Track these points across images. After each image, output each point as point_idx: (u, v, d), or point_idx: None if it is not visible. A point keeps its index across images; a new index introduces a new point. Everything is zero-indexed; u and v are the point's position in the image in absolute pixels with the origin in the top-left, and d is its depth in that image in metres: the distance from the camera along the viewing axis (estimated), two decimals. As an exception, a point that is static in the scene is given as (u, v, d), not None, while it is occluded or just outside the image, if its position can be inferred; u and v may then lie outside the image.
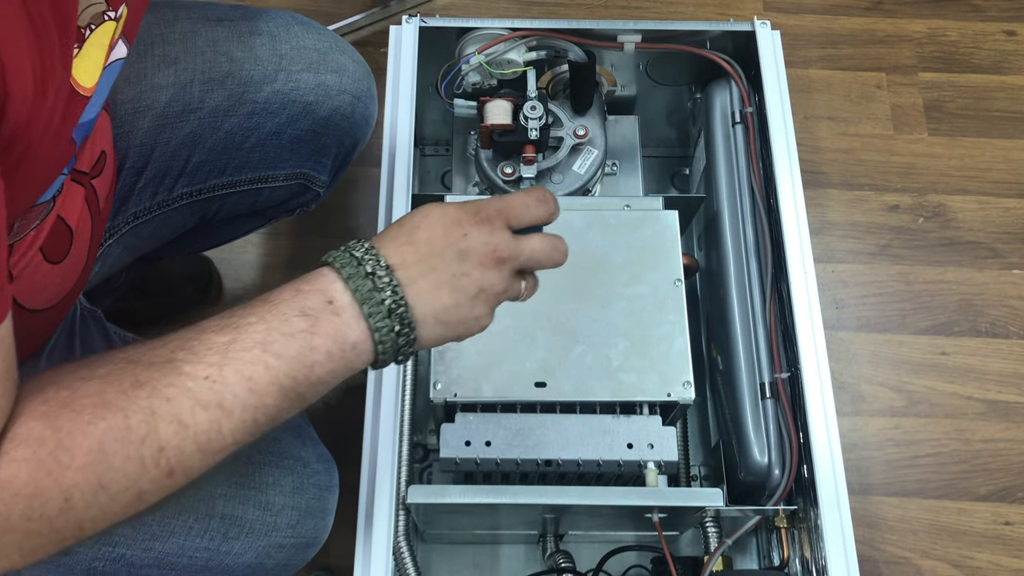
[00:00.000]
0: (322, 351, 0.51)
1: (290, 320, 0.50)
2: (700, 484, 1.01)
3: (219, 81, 0.77)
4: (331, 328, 0.51)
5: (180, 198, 0.79)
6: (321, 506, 0.74)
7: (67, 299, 0.67)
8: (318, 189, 0.87)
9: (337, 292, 0.52)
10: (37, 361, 0.69)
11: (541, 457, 0.79)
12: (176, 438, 0.47)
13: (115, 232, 0.76)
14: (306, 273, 0.54)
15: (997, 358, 1.19)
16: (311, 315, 0.51)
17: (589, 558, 0.94)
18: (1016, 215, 1.29)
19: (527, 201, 0.59)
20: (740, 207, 0.96)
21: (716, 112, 1.02)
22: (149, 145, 0.75)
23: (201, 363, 0.48)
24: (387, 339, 0.52)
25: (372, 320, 0.52)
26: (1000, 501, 1.10)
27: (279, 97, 0.79)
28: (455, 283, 0.54)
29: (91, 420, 0.45)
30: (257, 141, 0.80)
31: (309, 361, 0.50)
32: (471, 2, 1.46)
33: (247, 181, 0.81)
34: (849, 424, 1.14)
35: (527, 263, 0.58)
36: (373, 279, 0.52)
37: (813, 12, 1.46)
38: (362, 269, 0.53)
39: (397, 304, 0.52)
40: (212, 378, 0.48)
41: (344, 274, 0.53)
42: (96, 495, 0.45)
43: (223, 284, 1.23)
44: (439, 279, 0.54)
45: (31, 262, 0.60)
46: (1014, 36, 1.44)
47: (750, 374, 0.88)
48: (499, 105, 0.96)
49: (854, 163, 1.32)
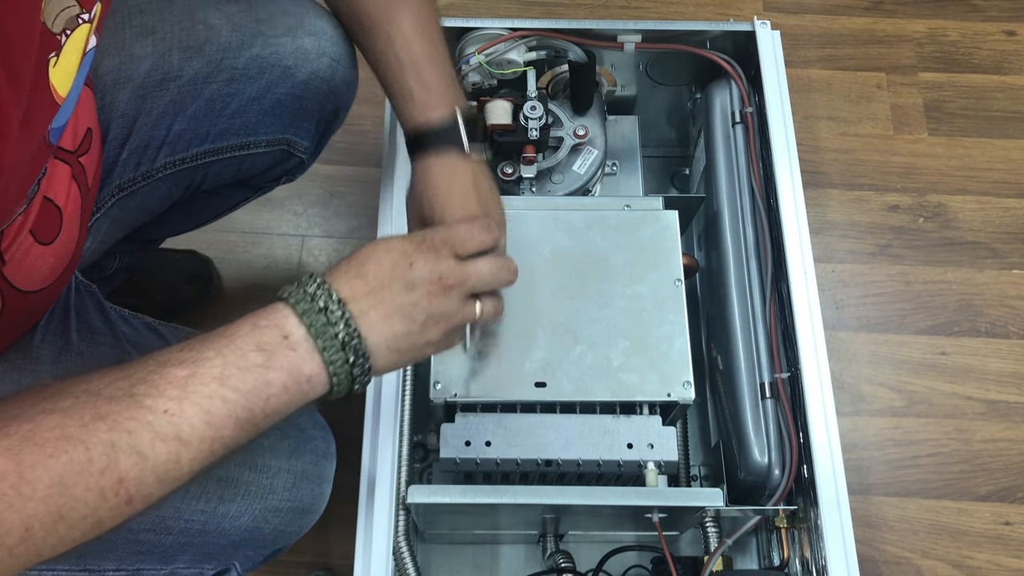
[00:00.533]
0: (277, 384, 0.53)
1: (247, 355, 0.52)
2: (700, 484, 1.01)
3: (197, 48, 0.77)
4: (286, 362, 0.53)
5: (163, 168, 0.79)
6: (318, 472, 0.74)
7: (61, 278, 0.67)
8: (301, 155, 0.87)
9: (292, 327, 0.54)
10: (32, 336, 0.69)
11: (541, 457, 0.79)
12: (135, 469, 0.48)
13: (101, 206, 0.76)
14: (262, 307, 0.56)
15: (997, 358, 1.19)
16: (267, 350, 0.53)
17: (589, 558, 0.94)
18: (1016, 215, 1.29)
19: (471, 229, 0.63)
20: (740, 207, 0.96)
21: (716, 112, 1.02)
22: (131, 116, 0.75)
23: (161, 397, 0.50)
24: (341, 371, 0.55)
25: (327, 353, 0.54)
26: (1000, 501, 1.10)
27: (257, 62, 0.79)
28: (404, 312, 0.58)
29: (52, 453, 0.47)
30: (238, 107, 0.79)
31: (265, 394, 0.52)
32: (471, 2, 1.46)
33: (229, 148, 0.81)
34: (849, 424, 1.14)
35: (476, 286, 0.62)
36: (326, 313, 0.55)
37: (813, 12, 1.46)
38: (315, 304, 0.55)
39: (350, 336, 0.55)
40: (171, 412, 0.49)
41: (298, 309, 0.55)
42: (55, 525, 0.47)
43: (223, 284, 1.23)
44: (389, 309, 0.57)
45: (22, 245, 0.60)
46: (1014, 36, 1.44)
47: (750, 374, 0.88)
48: (499, 105, 0.96)
49: (854, 163, 1.32)
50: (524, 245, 0.87)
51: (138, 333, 0.75)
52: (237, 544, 0.70)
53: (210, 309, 1.20)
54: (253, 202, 0.96)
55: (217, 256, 1.23)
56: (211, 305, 1.21)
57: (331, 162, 0.96)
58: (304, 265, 1.24)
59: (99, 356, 0.71)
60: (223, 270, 1.23)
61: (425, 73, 0.73)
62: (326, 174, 1.28)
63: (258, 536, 0.71)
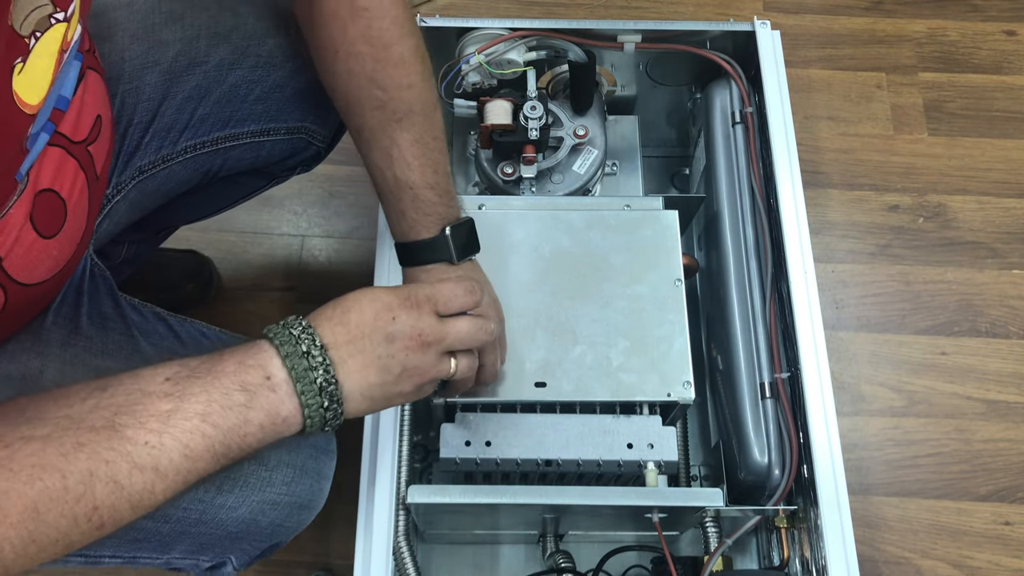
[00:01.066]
0: (255, 423, 0.55)
1: (231, 394, 0.54)
2: (700, 484, 1.01)
3: (224, 35, 0.78)
4: (266, 403, 0.55)
5: (184, 151, 0.79)
6: (317, 467, 0.74)
7: (66, 269, 0.67)
8: (319, 144, 0.88)
9: (275, 368, 0.56)
10: (44, 318, 0.69)
11: (541, 457, 0.79)
12: (111, 498, 0.50)
13: (121, 188, 0.77)
14: (249, 343, 0.58)
15: (997, 358, 1.19)
16: (250, 390, 0.55)
17: (589, 558, 0.94)
18: (1016, 215, 1.29)
19: (455, 290, 0.65)
20: (740, 207, 0.96)
21: (716, 112, 1.02)
22: (157, 100, 0.76)
23: (142, 428, 0.51)
24: (316, 414, 0.57)
25: (304, 397, 0.56)
26: (1000, 501, 1.10)
27: (282, 50, 0.80)
28: (381, 363, 0.59)
29: (27, 481, 0.48)
30: (261, 93, 0.80)
31: (243, 432, 0.54)
32: (471, 2, 1.46)
33: (249, 134, 0.82)
34: (849, 424, 1.14)
35: (452, 345, 0.64)
36: (308, 358, 0.57)
37: (813, 12, 1.46)
38: (299, 348, 0.57)
39: (328, 382, 0.57)
40: (151, 444, 0.51)
41: (282, 351, 0.57)
42: (26, 548, 0.48)
43: (223, 283, 1.23)
44: (367, 360, 0.59)
45: (23, 239, 0.60)
46: (1014, 36, 1.44)
47: (750, 374, 0.88)
48: (499, 105, 0.96)
49: (854, 163, 1.32)
50: (524, 245, 0.87)
51: (147, 322, 0.75)
52: (234, 536, 0.70)
53: (210, 308, 1.20)
54: (253, 201, 0.96)
55: (217, 256, 1.23)
56: (211, 304, 1.21)
57: (331, 162, 0.96)
58: (304, 265, 1.24)
59: (107, 343, 0.71)
60: (223, 270, 1.23)
61: (421, 195, 0.74)
62: (326, 174, 1.28)
63: (255, 529, 0.71)
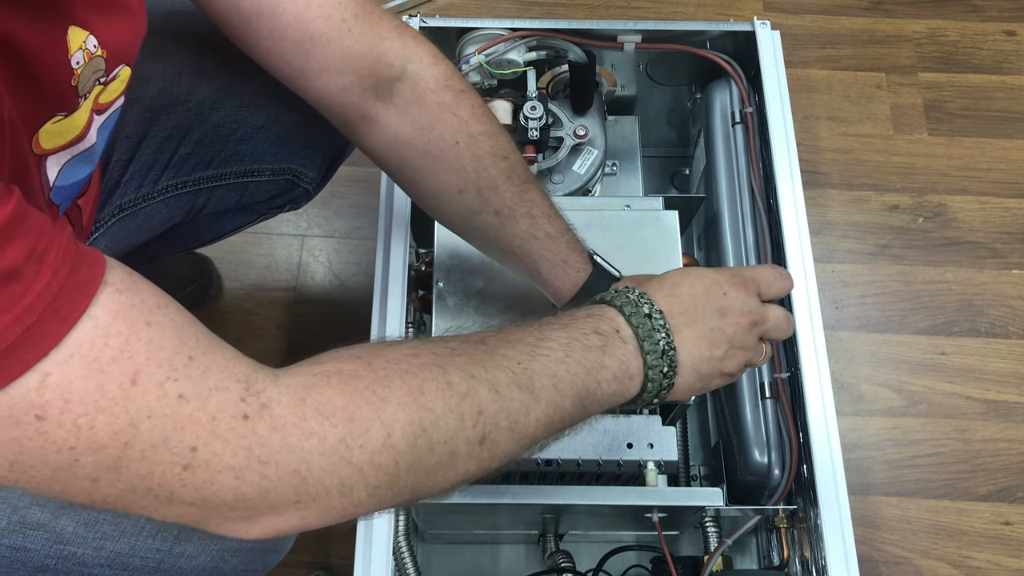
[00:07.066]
0: (609, 370, 0.55)
1: (588, 335, 0.55)
2: (700, 484, 1.01)
3: (208, 74, 0.76)
4: (619, 352, 0.55)
5: (165, 191, 0.78)
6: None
7: None
8: (307, 186, 0.86)
9: (621, 324, 0.56)
10: None
11: (541, 457, 0.79)
12: (493, 406, 0.49)
13: (101, 225, 0.75)
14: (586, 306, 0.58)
15: (997, 358, 1.19)
16: (604, 335, 0.55)
17: (589, 558, 0.94)
18: (1016, 215, 1.29)
19: (775, 274, 0.64)
20: (740, 207, 0.96)
21: (716, 112, 1.02)
22: (137, 137, 0.74)
23: (512, 350, 0.52)
24: (656, 378, 0.56)
25: (649, 357, 0.56)
26: (1000, 501, 1.10)
27: (267, 90, 0.77)
28: (713, 336, 0.59)
29: (408, 370, 0.47)
30: (244, 134, 0.79)
31: (598, 377, 0.54)
32: (471, 2, 1.46)
33: (232, 175, 0.80)
34: (849, 424, 1.14)
35: (768, 331, 0.63)
36: (651, 319, 0.57)
37: (813, 12, 1.46)
38: (641, 309, 0.57)
39: (669, 346, 0.57)
40: (523, 364, 0.51)
41: (626, 312, 0.57)
42: (417, 439, 0.46)
43: (223, 284, 1.23)
44: (700, 331, 0.59)
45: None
46: (1014, 36, 1.44)
47: (750, 374, 0.88)
48: (499, 105, 0.96)
49: (854, 163, 1.32)
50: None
51: None
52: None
53: (210, 309, 1.20)
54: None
55: (217, 256, 1.23)
56: (211, 305, 1.21)
57: (331, 162, 0.96)
58: (304, 265, 1.24)
59: None
60: (223, 270, 1.23)
61: (570, 233, 0.74)
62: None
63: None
